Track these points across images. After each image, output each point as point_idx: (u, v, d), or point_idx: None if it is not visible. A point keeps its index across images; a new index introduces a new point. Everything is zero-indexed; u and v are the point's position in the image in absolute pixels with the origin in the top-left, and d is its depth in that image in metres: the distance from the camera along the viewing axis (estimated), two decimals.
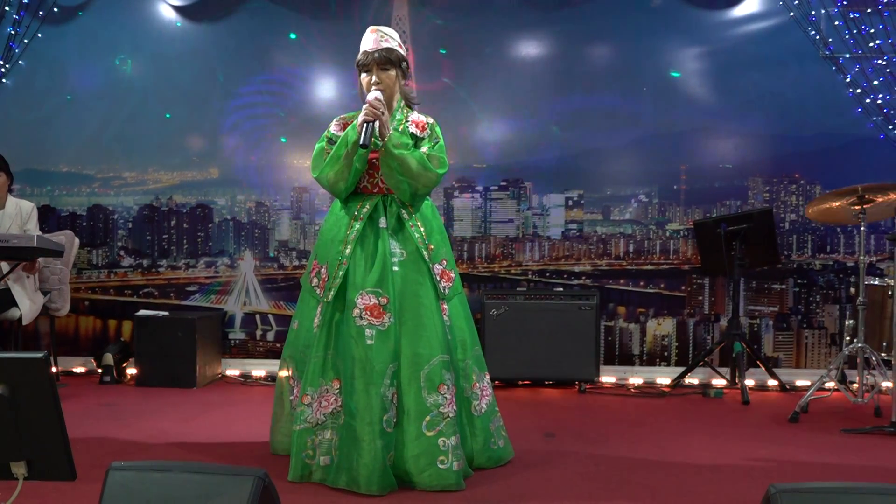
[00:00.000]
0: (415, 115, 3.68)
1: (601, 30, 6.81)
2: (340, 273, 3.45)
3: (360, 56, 3.58)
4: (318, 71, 6.98)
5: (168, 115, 7.06)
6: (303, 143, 6.89)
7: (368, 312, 3.36)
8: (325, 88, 6.94)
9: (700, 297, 6.77)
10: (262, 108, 7.01)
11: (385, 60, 3.54)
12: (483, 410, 3.70)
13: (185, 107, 7.05)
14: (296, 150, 6.97)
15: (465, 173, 6.81)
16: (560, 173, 6.75)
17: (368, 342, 3.36)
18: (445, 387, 3.46)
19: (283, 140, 7.01)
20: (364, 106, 3.46)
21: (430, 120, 3.70)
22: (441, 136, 3.67)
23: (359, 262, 3.44)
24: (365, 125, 3.37)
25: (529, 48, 6.86)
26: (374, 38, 3.56)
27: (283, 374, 3.80)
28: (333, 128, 3.64)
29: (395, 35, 3.65)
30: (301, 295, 3.75)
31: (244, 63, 7.01)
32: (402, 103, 3.70)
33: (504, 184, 6.81)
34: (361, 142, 3.35)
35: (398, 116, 3.63)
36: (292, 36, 6.98)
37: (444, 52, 6.85)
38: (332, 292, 3.46)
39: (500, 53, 6.86)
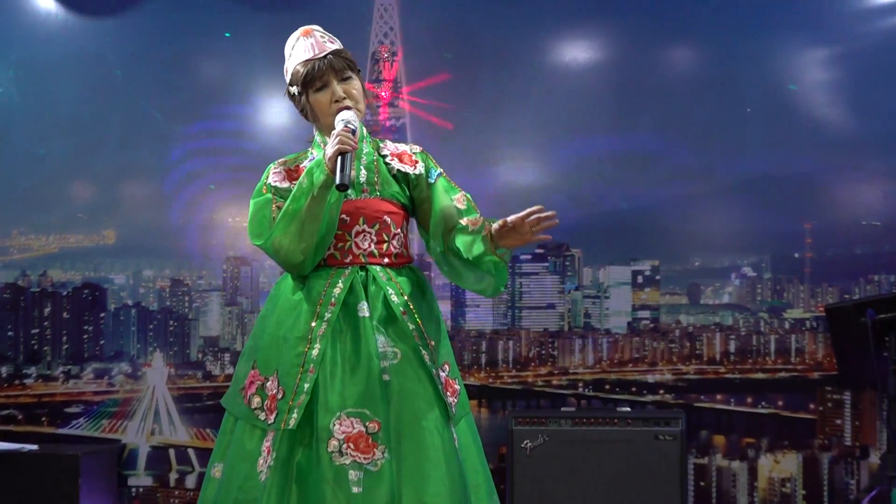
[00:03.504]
0: (389, 145, 3.63)
1: (680, 26, 6.90)
2: (306, 386, 3.34)
3: (299, 68, 3.54)
4: (264, 84, 7.04)
5: (42, 153, 7.12)
6: (240, 191, 6.84)
7: (352, 445, 3.27)
8: (275, 111, 7.01)
9: (838, 421, 6.70)
10: (182, 140, 7.08)
11: (343, 66, 3.52)
12: None
13: (68, 139, 7.11)
14: (231, 202, 7.04)
15: None
16: (623, 236, 6.78)
17: (354, 490, 3.25)
18: None
19: (212, 187, 7.08)
20: (333, 133, 3.41)
21: (417, 148, 3.65)
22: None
23: (333, 369, 3.35)
24: (340, 158, 3.31)
25: (575, 52, 6.95)
26: (312, 42, 3.55)
27: None
28: (273, 178, 3.58)
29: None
30: (226, 425, 3.61)
31: (156, 74, 7.10)
32: (365, 129, 3.65)
33: (540, 251, 6.82)
34: (338, 181, 3.28)
35: (366, 149, 3.58)
36: (226, 35, 7.05)
37: (449, 56, 6.94)
38: (294, 416, 3.34)
39: (532, 60, 6.96)
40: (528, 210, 3.31)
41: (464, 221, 3.44)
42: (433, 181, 3.58)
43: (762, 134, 6.75)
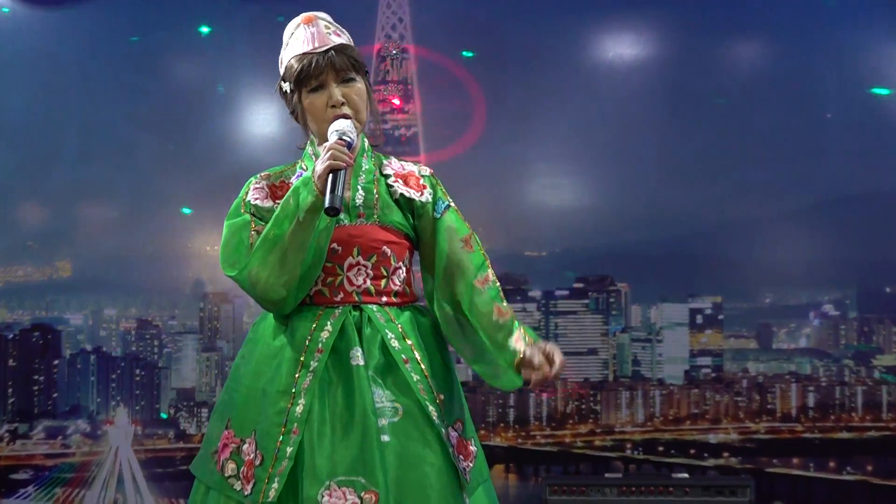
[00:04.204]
0: (394, 163, 3.48)
1: (746, 16, 6.85)
2: (288, 450, 3.17)
3: (293, 62, 3.39)
4: (249, 87, 7.00)
5: None
6: (220, 214, 6.64)
7: None
8: (262, 118, 6.94)
9: None
10: (150, 153, 7.04)
11: (347, 65, 3.36)
12: None
13: (15, 152, 7.08)
14: (209, 227, 6.99)
15: (511, 266, 6.77)
16: (679, 267, 6.78)
17: None
18: None
19: (186, 211, 7.01)
20: (325, 146, 3.25)
21: (426, 169, 3.49)
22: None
23: (321, 429, 3.19)
24: (331, 176, 3.14)
25: (620, 48, 6.90)
26: (314, 32, 3.41)
27: None
28: (254, 195, 3.42)
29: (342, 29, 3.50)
30: (196, 495, 3.46)
31: (120, 75, 7.08)
32: (367, 142, 3.50)
33: (579, 286, 6.76)
34: (328, 204, 3.11)
35: (365, 165, 3.43)
36: (204, 30, 7.04)
37: (469, 54, 6.89)
38: (275, 486, 3.18)
39: (568, 59, 6.94)
40: (557, 357, 3.17)
41: (479, 285, 3.31)
42: (440, 215, 3.47)
43: (845, 144, 6.66)
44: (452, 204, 3.43)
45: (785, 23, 6.74)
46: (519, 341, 3.20)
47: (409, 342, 3.26)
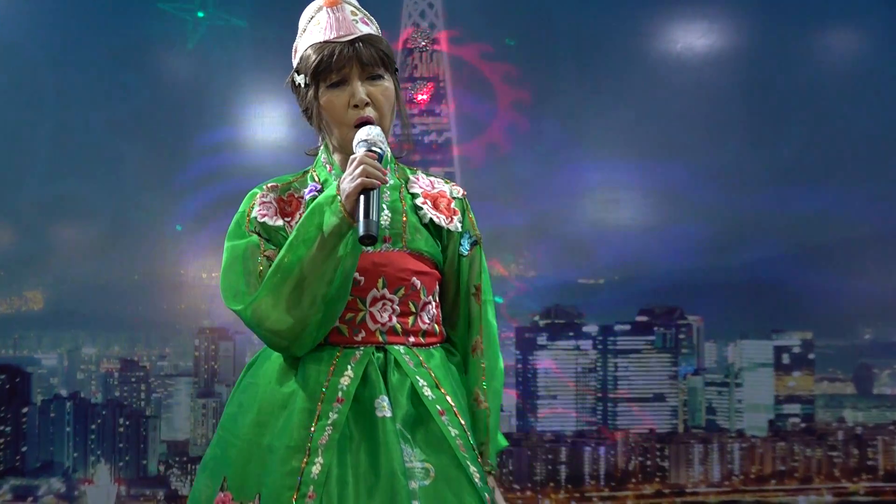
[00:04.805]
0: (422, 179, 3.29)
1: (841, 10, 6.68)
2: None
3: (311, 52, 3.21)
4: (252, 86, 6.90)
5: None
6: (219, 235, 6.50)
7: None
8: (268, 122, 6.83)
9: None
10: (135, 164, 6.91)
11: (375, 60, 3.19)
12: None
13: None
14: (205, 251, 6.87)
15: (561, 296, 6.68)
16: (762, 297, 6.61)
17: None
18: None
19: (179, 228, 6.87)
20: (352, 158, 3.02)
21: (459, 190, 3.30)
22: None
23: (343, 493, 3.05)
24: (363, 196, 2.92)
25: (690, 37, 6.76)
26: (339, 18, 3.26)
27: None
28: (260, 210, 3.26)
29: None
30: None
31: (100, 73, 6.96)
32: (390, 152, 3.29)
33: (643, 319, 6.64)
34: (364, 231, 2.93)
35: (390, 181, 3.23)
36: (199, 14, 6.88)
37: (512, 42, 6.76)
38: None
39: (629, 50, 6.82)
40: None
41: (471, 352, 3.24)
42: (466, 253, 3.40)
43: None
44: (480, 238, 3.24)
45: (886, 5, 6.59)
46: (484, 457, 3.15)
47: (442, 390, 3.08)
